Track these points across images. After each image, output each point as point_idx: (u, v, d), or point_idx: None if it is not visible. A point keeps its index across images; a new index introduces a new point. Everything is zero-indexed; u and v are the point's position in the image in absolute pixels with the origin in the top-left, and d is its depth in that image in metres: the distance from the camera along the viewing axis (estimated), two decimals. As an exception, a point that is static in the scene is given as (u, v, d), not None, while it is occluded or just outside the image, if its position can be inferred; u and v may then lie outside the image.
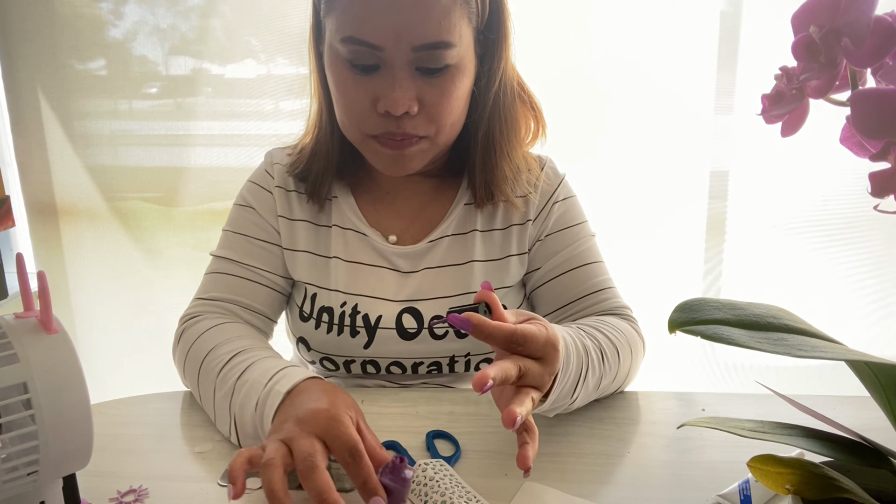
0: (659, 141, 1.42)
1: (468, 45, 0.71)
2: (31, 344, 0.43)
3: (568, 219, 0.85)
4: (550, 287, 0.84)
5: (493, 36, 0.74)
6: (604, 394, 0.74)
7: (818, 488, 0.42)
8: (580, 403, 0.69)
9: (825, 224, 1.43)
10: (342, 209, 0.84)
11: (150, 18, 1.52)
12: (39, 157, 1.62)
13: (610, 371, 0.71)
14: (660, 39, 1.36)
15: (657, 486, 0.60)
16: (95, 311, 1.71)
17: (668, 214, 1.46)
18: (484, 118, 0.78)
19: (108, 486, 0.61)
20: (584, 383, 0.66)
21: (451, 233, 0.83)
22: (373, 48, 0.67)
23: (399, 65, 0.68)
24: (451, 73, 0.70)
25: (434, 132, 0.73)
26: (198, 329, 0.76)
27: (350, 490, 0.60)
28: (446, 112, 0.72)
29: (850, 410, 0.73)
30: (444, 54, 0.68)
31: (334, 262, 0.82)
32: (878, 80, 0.35)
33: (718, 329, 0.39)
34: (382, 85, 0.69)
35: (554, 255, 0.84)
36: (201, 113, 1.55)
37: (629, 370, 0.76)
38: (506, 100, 0.78)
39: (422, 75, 0.69)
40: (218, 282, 0.82)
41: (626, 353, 0.74)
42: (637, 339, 0.78)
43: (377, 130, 0.72)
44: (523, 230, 0.84)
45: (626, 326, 0.78)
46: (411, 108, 0.70)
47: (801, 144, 1.37)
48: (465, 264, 0.82)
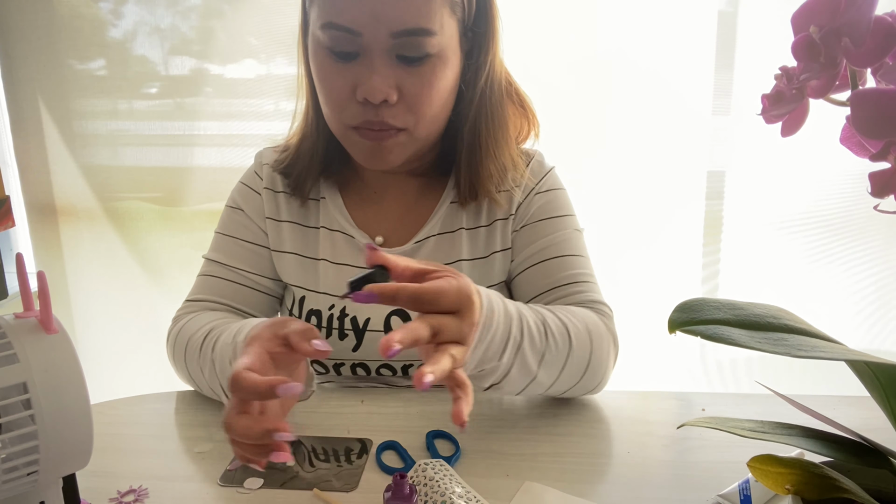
0: (656, 141, 1.42)
1: (451, 37, 0.70)
2: (31, 344, 0.43)
3: (548, 209, 0.82)
4: (524, 277, 0.81)
5: (480, 31, 0.74)
6: (565, 387, 0.70)
7: (818, 488, 0.42)
8: (519, 379, 0.65)
9: (823, 223, 1.43)
10: (329, 210, 0.83)
11: (150, 18, 1.52)
12: (39, 157, 1.62)
13: (557, 351, 0.67)
14: (657, 39, 1.36)
15: (657, 486, 0.60)
16: (95, 311, 1.71)
17: (665, 214, 1.46)
18: (470, 115, 0.77)
19: (108, 486, 0.61)
20: (517, 351, 0.63)
21: (438, 232, 0.82)
22: (351, 34, 0.67)
23: (378, 51, 0.67)
24: (432, 62, 0.69)
25: (413, 124, 0.72)
26: (180, 326, 0.78)
27: (350, 490, 0.60)
28: (426, 103, 0.71)
29: (850, 410, 0.72)
30: (424, 42, 0.67)
31: (323, 265, 0.82)
32: (878, 80, 0.35)
33: (718, 329, 0.39)
34: (362, 72, 0.69)
35: (530, 245, 0.81)
36: (201, 113, 1.55)
37: (589, 360, 0.70)
38: (493, 97, 0.77)
39: (402, 63, 0.68)
40: (207, 284, 0.82)
41: (582, 339, 0.69)
42: (603, 332, 0.73)
43: (357, 120, 0.71)
44: (506, 224, 0.82)
45: (592, 317, 0.74)
46: (390, 96, 0.69)
47: (799, 144, 1.37)
48: (452, 264, 0.81)
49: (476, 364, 0.61)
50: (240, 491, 0.60)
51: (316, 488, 0.60)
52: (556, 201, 0.83)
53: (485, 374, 0.64)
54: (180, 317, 0.81)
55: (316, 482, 0.61)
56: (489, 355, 0.61)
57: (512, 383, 0.66)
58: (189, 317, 0.79)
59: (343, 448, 0.67)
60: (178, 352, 0.76)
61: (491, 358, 0.61)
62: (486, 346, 0.60)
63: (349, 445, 0.67)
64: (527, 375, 0.66)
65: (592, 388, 0.74)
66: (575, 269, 0.80)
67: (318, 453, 0.66)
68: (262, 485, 0.61)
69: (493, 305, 0.60)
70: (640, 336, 1.44)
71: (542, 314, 0.68)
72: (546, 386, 0.69)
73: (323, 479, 0.61)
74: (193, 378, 0.75)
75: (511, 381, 0.65)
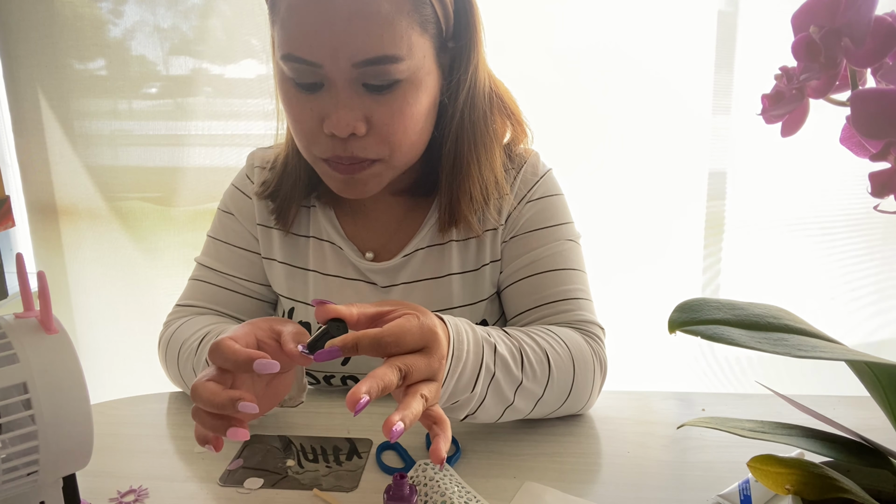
0: (657, 141, 1.42)
1: (423, 57, 0.65)
2: (31, 344, 0.43)
3: (540, 219, 0.78)
4: (512, 290, 0.77)
5: (461, 44, 0.69)
6: (546, 412, 0.69)
7: (818, 488, 0.42)
8: (494, 409, 0.63)
9: (824, 223, 1.43)
10: (320, 219, 0.80)
11: (150, 18, 1.52)
12: (39, 157, 1.62)
13: (535, 380, 0.64)
14: (657, 39, 1.36)
15: (657, 486, 0.60)
16: (95, 311, 1.71)
17: (666, 215, 1.46)
18: (451, 132, 0.72)
19: (108, 486, 0.61)
20: (491, 381, 0.61)
21: (427, 244, 0.78)
22: (312, 66, 0.62)
23: (342, 82, 0.63)
24: (402, 88, 0.64)
25: (388, 154, 0.67)
26: (172, 330, 0.78)
27: (350, 490, 0.60)
28: (399, 132, 0.66)
29: (850, 410, 0.72)
30: (390, 69, 0.62)
31: (313, 276, 0.80)
32: (878, 80, 0.35)
33: (718, 329, 0.39)
34: (327, 104, 0.64)
35: (520, 257, 0.77)
36: (201, 113, 1.55)
37: (571, 387, 0.68)
38: (475, 112, 0.72)
39: (369, 92, 0.63)
40: (199, 290, 0.82)
41: (563, 366, 0.66)
42: (587, 357, 0.69)
43: (326, 153, 0.67)
44: (496, 235, 0.78)
45: (577, 340, 0.70)
46: (358, 129, 0.64)
47: (800, 144, 1.37)
48: (442, 278, 0.78)
49: (448, 396, 0.59)
50: (240, 491, 0.60)
51: (316, 488, 0.60)
52: (549, 210, 0.79)
53: (459, 406, 0.61)
54: (171, 321, 0.80)
55: (315, 482, 0.61)
56: (460, 387, 0.59)
57: (487, 412, 0.64)
58: (182, 321, 0.78)
59: (343, 448, 0.67)
60: (170, 355, 0.76)
61: (463, 389, 0.59)
62: (458, 377, 0.58)
63: (349, 445, 0.67)
64: (502, 404, 0.64)
65: (576, 412, 0.72)
66: (566, 284, 0.75)
67: (318, 453, 0.66)
68: (262, 485, 0.61)
69: (461, 335, 0.58)
70: (642, 337, 1.44)
71: (520, 341, 0.65)
72: (525, 413, 0.67)
73: (323, 480, 0.61)
74: (185, 381, 0.74)
75: (486, 411, 0.63)
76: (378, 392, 0.48)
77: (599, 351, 0.72)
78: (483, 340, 0.61)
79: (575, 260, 0.78)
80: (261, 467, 0.63)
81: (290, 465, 0.64)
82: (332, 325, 0.52)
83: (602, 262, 1.44)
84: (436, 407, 0.52)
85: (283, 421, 0.72)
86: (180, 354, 0.73)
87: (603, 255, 1.44)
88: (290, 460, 0.65)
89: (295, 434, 0.69)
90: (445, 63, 0.69)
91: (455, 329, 0.58)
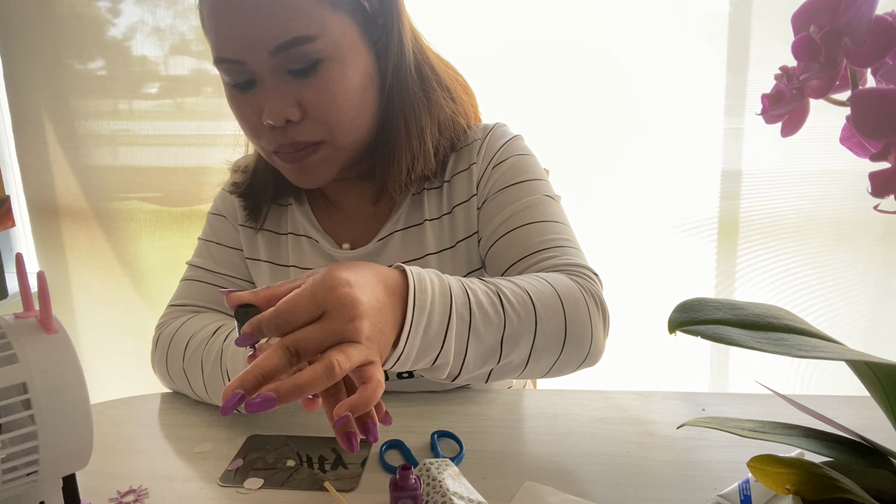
0: (670, 142, 1.42)
1: (343, 34, 0.66)
2: (31, 344, 0.43)
3: (510, 176, 0.76)
4: (493, 252, 0.75)
5: (383, 19, 0.70)
6: (548, 362, 0.64)
7: (818, 488, 0.42)
8: (483, 363, 0.60)
9: (833, 224, 1.43)
10: (296, 215, 0.82)
11: (150, 18, 1.52)
12: (40, 157, 1.62)
13: (519, 323, 0.60)
14: (670, 40, 1.37)
15: (657, 486, 0.60)
16: (96, 311, 1.71)
17: (679, 215, 1.46)
18: (383, 104, 0.73)
19: (108, 486, 0.61)
20: (469, 331, 0.57)
21: (402, 227, 0.78)
22: (236, 63, 0.65)
23: (267, 73, 0.65)
24: (325, 68, 0.66)
25: (329, 134, 0.69)
26: (173, 327, 0.77)
27: (350, 490, 0.60)
28: (333, 111, 0.67)
29: (850, 410, 0.72)
30: (306, 49, 0.64)
31: (294, 272, 0.81)
32: (878, 80, 0.35)
33: (718, 329, 0.39)
34: (261, 97, 0.67)
35: (494, 217, 0.75)
36: (201, 113, 1.55)
37: (565, 325, 0.63)
38: (402, 83, 0.73)
39: (295, 78, 0.66)
40: (190, 289, 0.82)
41: (549, 303, 0.62)
42: (576, 293, 0.65)
43: (272, 145, 0.69)
44: (468, 207, 0.77)
45: (562, 278, 0.66)
46: (291, 115, 0.66)
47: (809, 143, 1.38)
48: (420, 259, 0.77)
49: (419, 352, 0.55)
50: (240, 491, 0.60)
51: (327, 482, 0.60)
52: (518, 166, 0.77)
53: (439, 366, 0.58)
54: (167, 322, 0.80)
55: (316, 482, 0.61)
56: (430, 339, 0.55)
57: (473, 369, 0.59)
58: (183, 319, 0.78)
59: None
60: (173, 352, 0.75)
61: (433, 342, 0.55)
62: (424, 328, 0.54)
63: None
64: (490, 356, 0.60)
65: (584, 358, 0.66)
66: (547, 234, 0.72)
67: (319, 453, 0.66)
68: (262, 485, 0.61)
69: (424, 284, 0.55)
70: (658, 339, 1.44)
71: (496, 284, 0.62)
72: (521, 366, 0.63)
73: (324, 479, 0.61)
74: (189, 377, 0.73)
75: (471, 367, 0.59)
76: (254, 385, 0.43)
77: (591, 287, 0.67)
78: (451, 287, 0.57)
79: (555, 213, 0.75)
80: (261, 467, 0.63)
81: (290, 465, 0.64)
82: (240, 311, 0.48)
83: (615, 261, 1.45)
84: (370, 368, 0.48)
85: (284, 421, 0.72)
86: (187, 348, 0.73)
87: (616, 255, 1.44)
88: (291, 460, 0.65)
89: (295, 434, 0.69)
90: (378, 39, 0.71)
91: (418, 278, 0.55)
